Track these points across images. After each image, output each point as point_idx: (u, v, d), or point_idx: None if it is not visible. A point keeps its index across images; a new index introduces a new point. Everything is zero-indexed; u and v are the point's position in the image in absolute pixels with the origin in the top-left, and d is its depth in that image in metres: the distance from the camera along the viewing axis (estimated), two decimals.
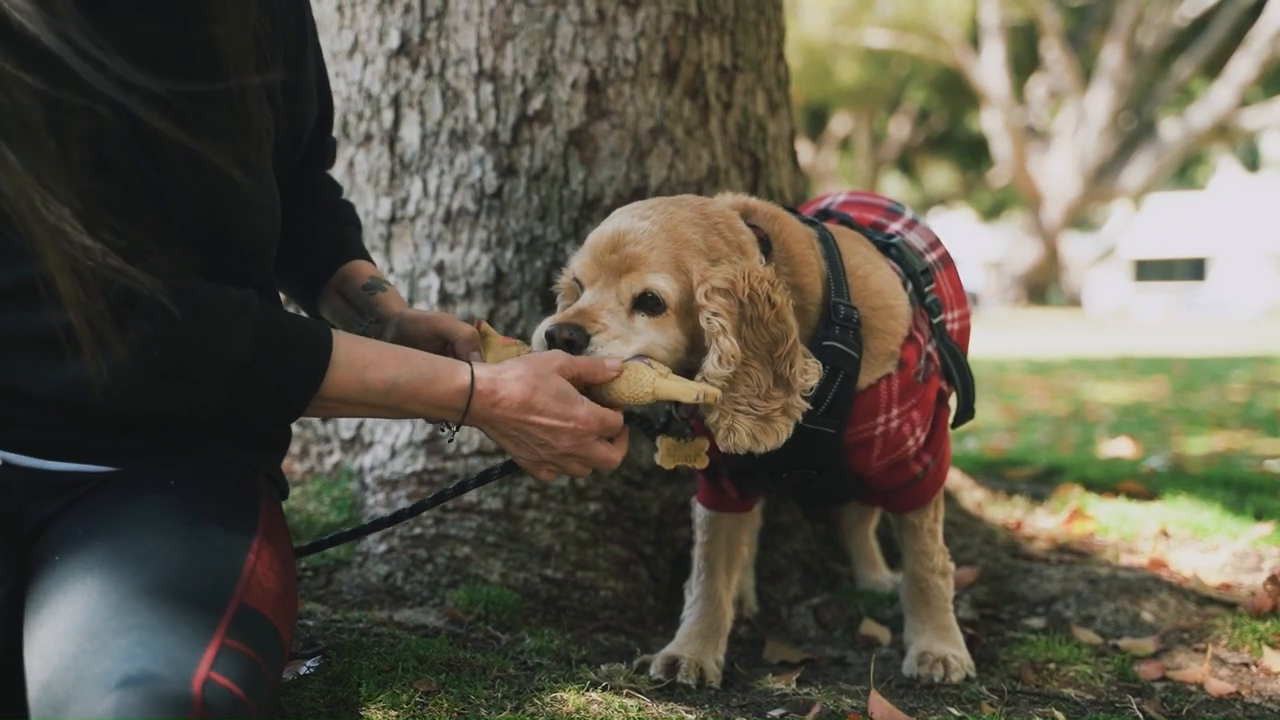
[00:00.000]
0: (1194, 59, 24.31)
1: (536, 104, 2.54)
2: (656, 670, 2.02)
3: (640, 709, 1.80)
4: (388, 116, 2.63)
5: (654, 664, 2.04)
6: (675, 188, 2.58)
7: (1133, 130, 26.45)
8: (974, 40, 25.55)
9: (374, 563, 2.44)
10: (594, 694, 1.83)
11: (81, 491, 1.56)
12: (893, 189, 35.32)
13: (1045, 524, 3.18)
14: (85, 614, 1.30)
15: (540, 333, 1.75)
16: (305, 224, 1.93)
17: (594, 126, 2.55)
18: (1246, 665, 2.20)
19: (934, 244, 2.17)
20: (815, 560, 2.72)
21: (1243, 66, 22.61)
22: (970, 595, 2.55)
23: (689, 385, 1.72)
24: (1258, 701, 2.03)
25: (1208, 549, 2.94)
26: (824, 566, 2.72)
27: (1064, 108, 27.06)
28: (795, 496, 2.23)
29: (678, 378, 1.73)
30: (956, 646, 2.14)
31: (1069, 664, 2.15)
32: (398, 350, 1.60)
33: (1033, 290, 31.38)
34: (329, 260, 1.98)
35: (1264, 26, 22.05)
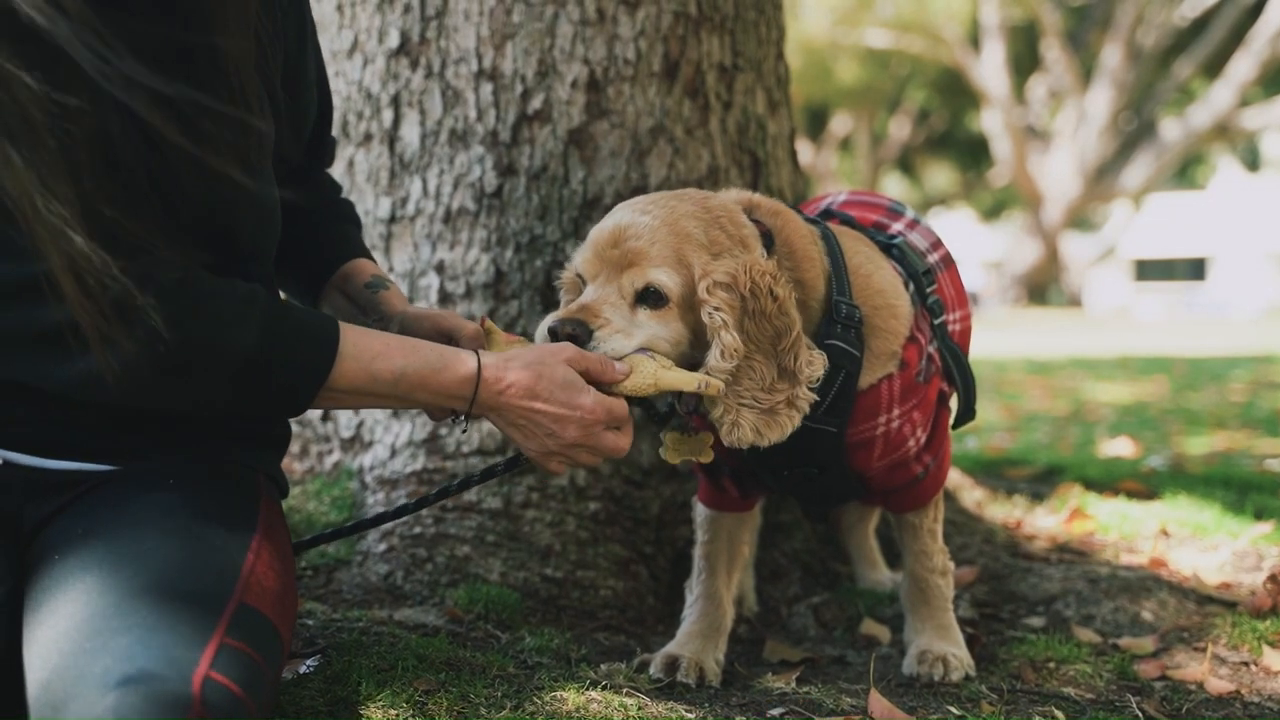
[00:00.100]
0: (1194, 59, 24.31)
1: (536, 103, 2.54)
2: (656, 669, 2.02)
3: (640, 708, 1.80)
4: (387, 116, 2.63)
5: (654, 663, 2.04)
6: (675, 187, 2.56)
7: (1133, 130, 26.45)
8: (974, 40, 25.55)
9: (374, 562, 2.44)
10: (594, 693, 1.83)
11: (81, 490, 1.56)
12: (893, 189, 35.30)
13: (1045, 523, 3.17)
14: (84, 613, 1.30)
15: (543, 328, 1.76)
16: (305, 223, 1.93)
17: (594, 126, 2.55)
18: (1246, 664, 2.20)
19: (936, 244, 2.16)
20: (815, 560, 2.72)
21: (1243, 66, 22.62)
22: (970, 594, 2.55)
23: (691, 375, 1.72)
24: (1257, 700, 2.03)
25: (1208, 548, 2.94)
26: (824, 566, 2.72)
27: (1064, 108, 27.05)
28: (796, 495, 2.23)
29: (679, 369, 1.73)
30: (956, 645, 2.14)
31: (1069, 663, 2.15)
32: (404, 341, 1.61)
33: (1033, 290, 31.38)
34: (330, 259, 1.98)
35: (1264, 26, 22.05)
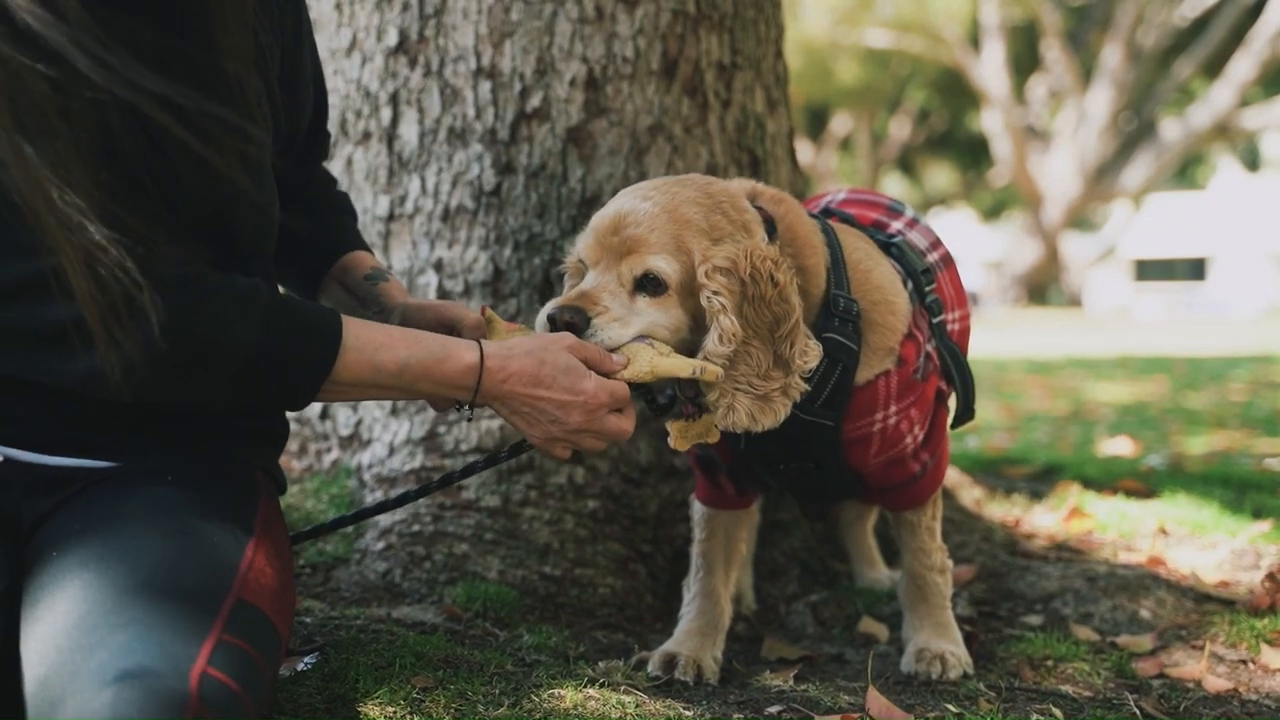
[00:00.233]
0: (1194, 59, 24.30)
1: (535, 101, 2.54)
2: (654, 667, 2.02)
3: (638, 705, 1.80)
4: (386, 114, 2.63)
5: (652, 661, 2.04)
6: None
7: (1133, 130, 26.44)
8: (974, 40, 25.54)
9: (372, 560, 2.44)
10: (591, 690, 1.83)
11: (79, 487, 1.56)
12: (893, 189, 35.28)
13: (1044, 522, 3.17)
14: (81, 609, 1.30)
15: (543, 316, 1.77)
16: (302, 216, 1.94)
17: (592, 124, 2.55)
18: (1244, 662, 2.20)
19: (935, 244, 2.16)
20: (814, 558, 2.72)
21: (1243, 66, 22.61)
22: (968, 592, 2.55)
23: (687, 361, 1.73)
24: (1255, 698, 2.03)
25: (1206, 546, 2.94)
26: (822, 564, 2.72)
27: (1064, 108, 27.04)
28: (793, 491, 2.23)
29: (677, 355, 1.74)
30: (954, 643, 2.14)
31: (1067, 661, 2.15)
32: (407, 332, 1.61)
33: (1033, 290, 31.37)
34: (328, 251, 1.98)
35: (1264, 26, 22.04)
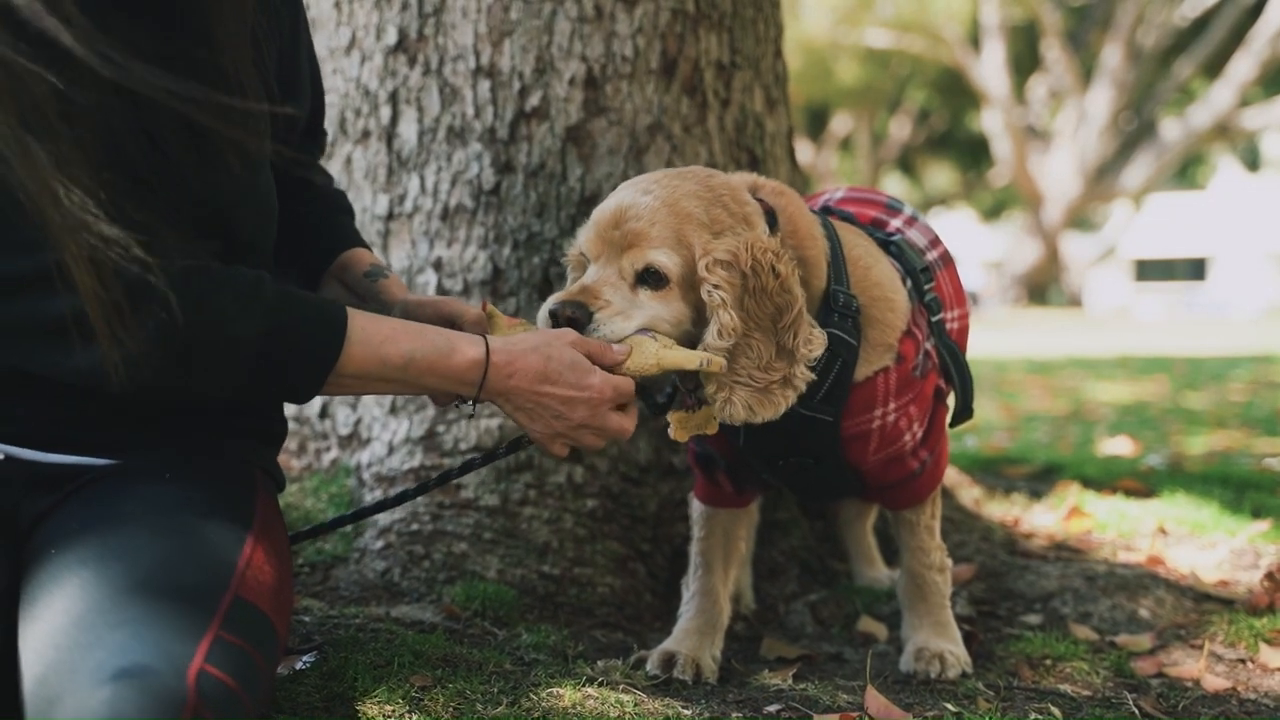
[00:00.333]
0: (1194, 59, 24.30)
1: (534, 100, 2.54)
2: (653, 666, 2.02)
3: (636, 704, 1.80)
4: (385, 113, 2.63)
5: (650, 660, 2.04)
6: None
7: (1133, 130, 26.44)
8: (974, 40, 25.54)
9: (371, 559, 2.44)
10: (590, 689, 1.83)
11: (78, 485, 1.56)
12: (893, 189, 35.28)
13: (1043, 521, 3.17)
14: (79, 607, 1.30)
15: (544, 310, 1.77)
16: (300, 214, 1.94)
17: (592, 123, 2.55)
18: (1243, 661, 2.20)
19: (934, 242, 2.17)
20: (813, 557, 2.72)
21: (1243, 66, 22.60)
22: (968, 592, 2.55)
23: (693, 353, 1.74)
24: (1254, 697, 2.03)
25: (1205, 546, 2.94)
26: (822, 563, 2.72)
27: (1064, 108, 27.04)
28: (792, 487, 2.23)
29: (681, 348, 1.75)
30: (953, 643, 2.14)
31: (1066, 660, 2.15)
32: (412, 326, 1.61)
33: (1033, 290, 31.36)
34: (327, 249, 1.98)
35: (1264, 26, 22.04)
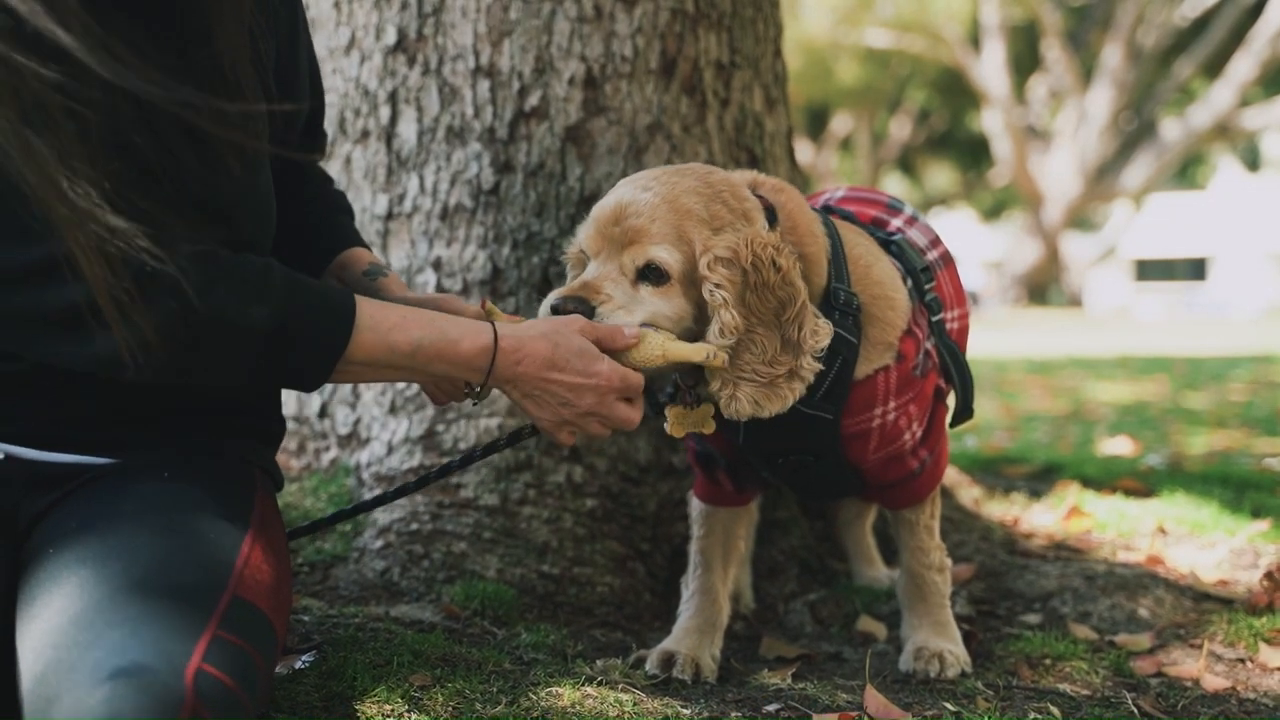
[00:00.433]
0: (1194, 59, 24.30)
1: (533, 100, 2.54)
2: (652, 665, 2.02)
3: (636, 704, 1.80)
4: (385, 113, 2.63)
5: (650, 659, 2.04)
6: None
7: (1133, 130, 26.44)
8: (974, 40, 25.54)
9: (370, 558, 2.44)
10: (589, 689, 1.83)
11: (77, 484, 1.56)
12: (893, 189, 35.27)
13: (1042, 520, 3.17)
14: (77, 606, 1.30)
15: (545, 306, 1.77)
16: (299, 214, 1.94)
17: (591, 123, 2.55)
18: (1242, 661, 2.20)
19: (934, 242, 2.17)
20: (812, 556, 2.72)
21: (1243, 66, 22.61)
22: (967, 591, 2.55)
23: (699, 346, 1.74)
24: (1253, 697, 2.03)
25: (1205, 545, 2.94)
26: (821, 563, 2.72)
27: (1064, 108, 27.04)
28: (792, 485, 2.23)
29: (685, 342, 1.75)
30: (953, 642, 2.14)
31: (1065, 660, 2.15)
32: (420, 313, 1.61)
33: (1033, 290, 31.37)
34: (326, 249, 1.99)
35: (1264, 26, 22.04)
